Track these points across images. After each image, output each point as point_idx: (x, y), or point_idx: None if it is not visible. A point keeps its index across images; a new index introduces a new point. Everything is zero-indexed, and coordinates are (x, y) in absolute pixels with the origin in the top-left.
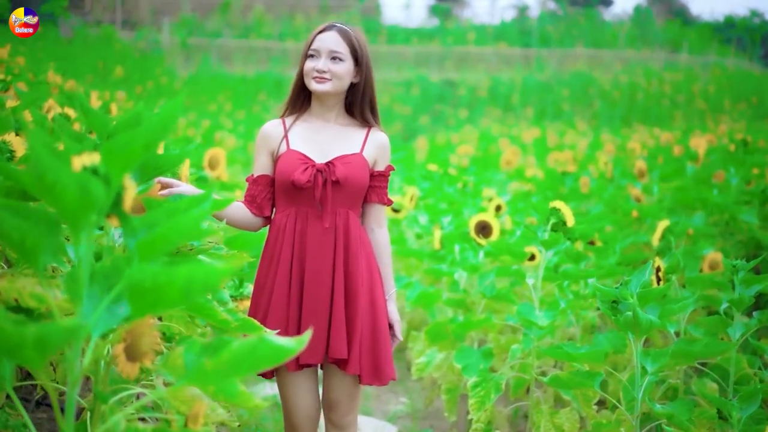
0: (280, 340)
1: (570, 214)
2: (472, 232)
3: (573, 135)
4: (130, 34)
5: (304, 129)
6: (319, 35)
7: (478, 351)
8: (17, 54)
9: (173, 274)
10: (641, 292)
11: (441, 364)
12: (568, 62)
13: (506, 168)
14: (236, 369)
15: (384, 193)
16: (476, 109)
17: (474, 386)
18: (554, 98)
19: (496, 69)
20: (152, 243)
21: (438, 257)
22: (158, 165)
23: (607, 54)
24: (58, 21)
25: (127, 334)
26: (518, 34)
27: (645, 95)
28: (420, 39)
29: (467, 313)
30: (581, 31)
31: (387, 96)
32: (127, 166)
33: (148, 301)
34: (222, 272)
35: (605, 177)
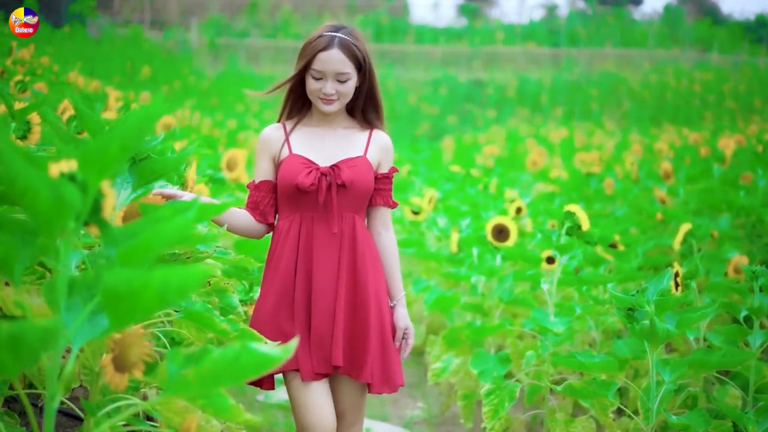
0: (264, 349)
1: (585, 217)
2: (489, 236)
3: (601, 135)
4: (159, 34)
5: (305, 133)
6: (320, 54)
7: (495, 356)
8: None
9: (148, 279)
10: (658, 300)
11: (458, 369)
12: (597, 62)
13: (532, 169)
14: (219, 379)
15: (389, 196)
16: (504, 109)
17: (487, 394)
18: (583, 98)
19: (524, 69)
20: (133, 252)
21: (456, 260)
22: (156, 168)
23: (637, 53)
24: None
25: (115, 344)
26: (547, 34)
27: (675, 95)
28: (448, 39)
29: (485, 317)
30: (610, 30)
31: (414, 96)
32: (105, 171)
33: (124, 308)
34: (198, 276)
35: (630, 178)
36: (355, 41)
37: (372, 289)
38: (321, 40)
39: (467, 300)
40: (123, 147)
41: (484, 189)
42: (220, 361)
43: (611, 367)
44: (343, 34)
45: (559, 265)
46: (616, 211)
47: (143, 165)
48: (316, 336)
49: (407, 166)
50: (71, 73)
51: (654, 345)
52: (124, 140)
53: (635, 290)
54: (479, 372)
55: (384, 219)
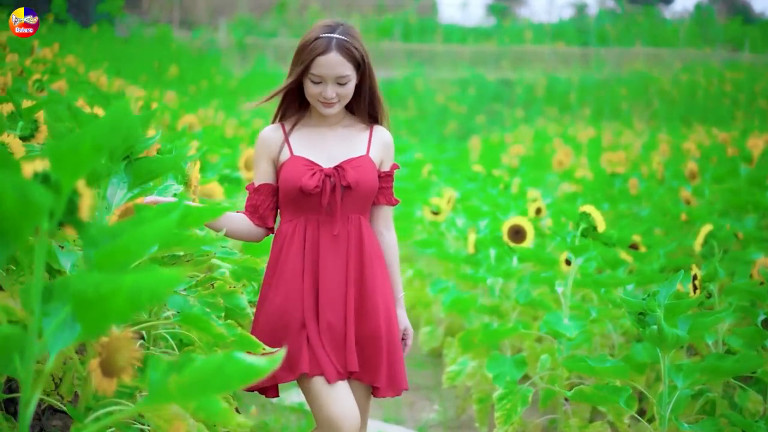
0: (250, 359)
1: (601, 219)
2: (505, 237)
3: (630, 135)
4: (187, 34)
5: (305, 133)
6: (319, 59)
7: (511, 359)
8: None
9: (118, 284)
10: (669, 304)
11: (474, 372)
12: (626, 61)
13: (558, 168)
14: (202, 388)
15: (391, 194)
16: (533, 109)
17: (500, 398)
18: (612, 97)
19: (553, 68)
20: (111, 254)
21: (473, 261)
22: (152, 168)
23: (667, 53)
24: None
25: (102, 348)
26: (576, 33)
27: (705, 94)
28: (476, 38)
29: (501, 320)
30: (640, 29)
31: (442, 95)
32: (78, 171)
33: (95, 314)
34: (171, 280)
35: (656, 178)
36: (352, 41)
37: (380, 292)
38: (318, 43)
39: (484, 302)
40: (95, 146)
41: (505, 189)
42: (203, 371)
43: (622, 372)
44: (339, 35)
45: (574, 267)
46: (640, 212)
47: (139, 164)
48: (329, 341)
49: (428, 166)
50: (92, 73)
51: (665, 350)
52: (96, 139)
53: (647, 294)
54: (494, 375)
55: (386, 218)
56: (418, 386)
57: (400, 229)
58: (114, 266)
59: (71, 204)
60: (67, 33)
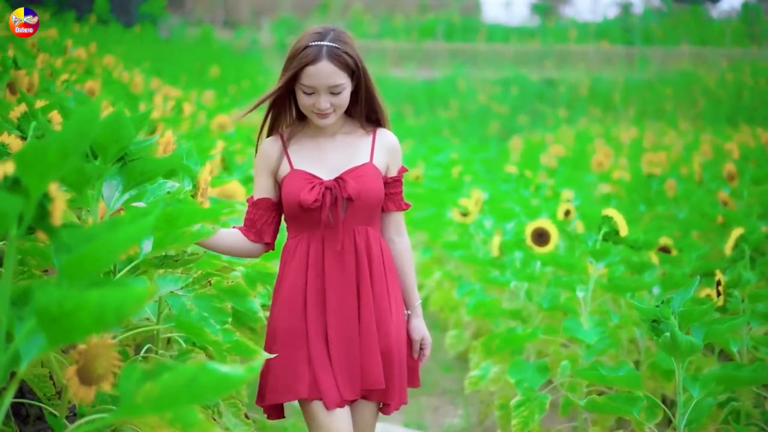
0: (225, 369)
1: (623, 222)
2: (528, 240)
3: (674, 135)
4: (230, 34)
5: (305, 145)
6: (308, 69)
7: (533, 365)
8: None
9: (81, 300)
10: (683, 311)
11: (497, 377)
12: (671, 60)
13: (597, 169)
14: (172, 400)
15: (400, 199)
16: (576, 109)
17: (517, 405)
18: (657, 97)
19: (597, 67)
20: (79, 262)
21: (499, 265)
22: (145, 170)
23: (713, 52)
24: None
25: (79, 356)
26: (621, 32)
27: (752, 94)
28: (520, 37)
29: (524, 324)
30: (686, 28)
31: (484, 95)
32: (46, 176)
33: (59, 329)
34: (137, 297)
35: (694, 180)
36: (344, 47)
37: (392, 306)
38: (308, 52)
39: (508, 305)
40: (62, 151)
41: (536, 190)
42: (174, 382)
43: (635, 382)
44: (330, 42)
45: (595, 271)
46: (678, 214)
47: (132, 166)
48: (338, 361)
49: (458, 167)
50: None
51: (679, 359)
52: (63, 144)
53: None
54: (517, 381)
55: (397, 224)
56: (443, 390)
57: (430, 230)
58: (84, 273)
59: (42, 209)
60: (109, 33)
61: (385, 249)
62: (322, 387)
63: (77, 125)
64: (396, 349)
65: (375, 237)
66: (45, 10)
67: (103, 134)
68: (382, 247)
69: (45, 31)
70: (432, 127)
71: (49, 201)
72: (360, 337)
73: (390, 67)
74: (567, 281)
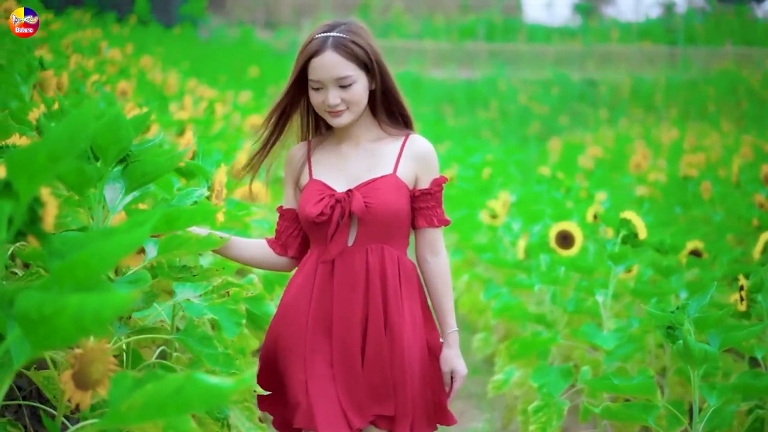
0: (213, 380)
1: (642, 226)
2: (552, 242)
3: (715, 137)
4: (270, 35)
5: (328, 152)
6: (313, 61)
7: (557, 369)
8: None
9: (61, 305)
10: (698, 318)
11: (521, 381)
12: (715, 61)
13: (635, 171)
14: (158, 410)
15: (434, 215)
16: (617, 110)
17: (536, 410)
18: (699, 98)
19: (639, 68)
20: (71, 269)
21: (524, 267)
22: (147, 171)
23: (758, 52)
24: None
25: (75, 360)
26: (663, 32)
27: None
28: (561, 37)
29: (549, 328)
30: (730, 28)
31: (525, 95)
32: (35, 181)
33: (41, 334)
34: (116, 304)
35: (730, 182)
36: (353, 37)
37: (410, 331)
38: (312, 45)
39: (534, 309)
40: (51, 156)
41: (567, 192)
42: (160, 392)
43: (648, 389)
44: (338, 33)
45: (614, 275)
46: (714, 217)
47: (133, 168)
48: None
49: (488, 169)
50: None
51: (694, 366)
52: (52, 149)
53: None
54: (540, 386)
55: (431, 242)
56: (469, 394)
57: (461, 232)
58: (76, 281)
59: (33, 213)
60: (149, 34)
61: (405, 269)
62: (317, 418)
63: (68, 129)
64: (411, 380)
65: (392, 256)
66: (85, 11)
67: (103, 136)
68: (402, 267)
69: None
70: (472, 127)
71: (41, 206)
72: (364, 362)
73: (430, 67)
74: (588, 285)
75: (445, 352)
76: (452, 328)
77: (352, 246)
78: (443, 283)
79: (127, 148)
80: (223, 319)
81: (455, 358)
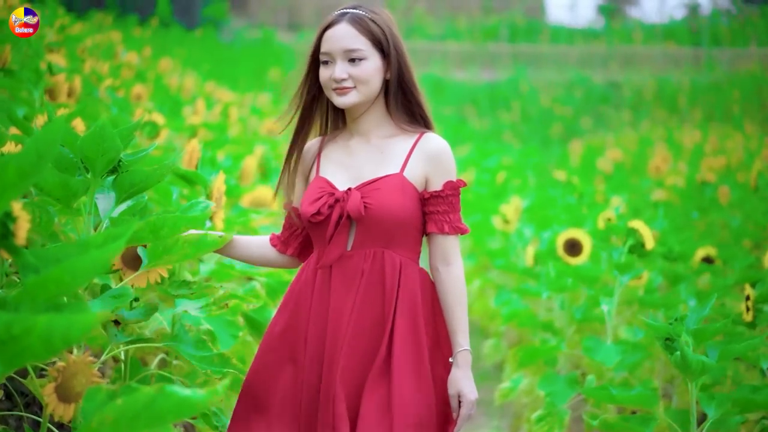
0: (185, 392)
1: (650, 235)
2: (560, 250)
3: (739, 139)
4: (292, 36)
5: (338, 148)
6: (326, 33)
7: (564, 378)
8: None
9: (30, 325)
10: (696, 329)
11: (529, 389)
12: (740, 62)
13: (655, 174)
14: (129, 425)
15: (445, 220)
16: (640, 111)
17: (539, 419)
18: (724, 100)
19: (662, 69)
20: (44, 284)
21: (534, 274)
22: (135, 181)
23: None
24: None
25: (58, 373)
26: (688, 33)
27: None
28: (584, 39)
29: (556, 336)
30: (755, 29)
31: (547, 97)
32: (6, 195)
33: (10, 352)
34: (84, 324)
35: (749, 187)
36: (372, 16)
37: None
38: (328, 18)
39: (544, 316)
40: (20, 172)
41: (580, 197)
42: (131, 405)
43: (647, 401)
44: (357, 10)
45: (619, 284)
46: (731, 222)
47: (122, 178)
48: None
49: (503, 173)
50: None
51: (691, 378)
52: (21, 166)
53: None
54: (547, 393)
55: (442, 250)
56: (479, 401)
57: (475, 237)
58: (49, 296)
59: (4, 228)
60: (171, 36)
61: (408, 278)
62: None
63: (37, 145)
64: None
65: (393, 263)
66: (107, 13)
67: (89, 147)
68: (404, 276)
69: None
70: (494, 129)
71: (12, 220)
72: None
73: (452, 69)
74: (594, 294)
75: (453, 373)
76: (462, 347)
77: (351, 250)
78: (454, 297)
79: (115, 159)
80: (219, 330)
81: (463, 380)
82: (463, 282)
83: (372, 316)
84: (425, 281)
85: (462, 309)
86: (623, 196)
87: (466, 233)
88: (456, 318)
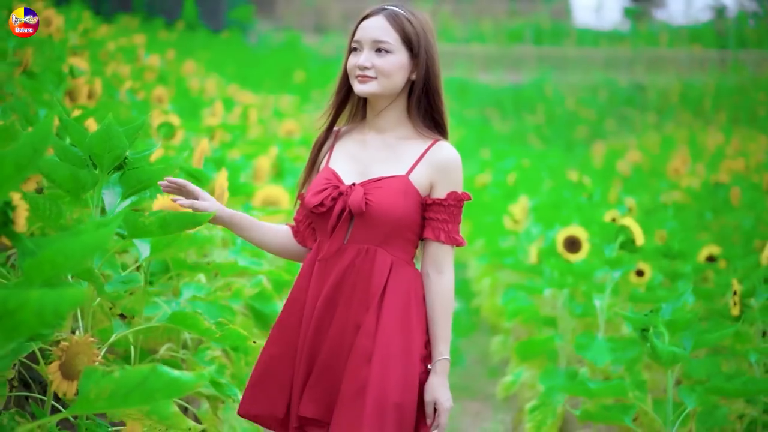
0: (175, 373)
1: (640, 232)
2: (559, 247)
3: (763, 142)
4: (318, 39)
5: (352, 141)
6: (362, 23)
7: (564, 372)
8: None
9: (24, 300)
10: (670, 320)
11: (531, 383)
12: (766, 65)
13: (674, 176)
14: (123, 399)
15: (442, 229)
16: (665, 114)
17: (532, 410)
18: (750, 103)
19: (688, 72)
20: (38, 266)
21: (539, 272)
22: (142, 178)
23: None
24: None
25: (62, 352)
26: (714, 36)
27: None
28: (610, 41)
29: (558, 331)
30: None
31: (572, 100)
32: (6, 186)
33: (7, 326)
34: (72, 298)
35: (760, 188)
36: (409, 16)
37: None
38: (367, 10)
39: (550, 312)
40: (17, 166)
41: (590, 197)
42: (126, 382)
43: (619, 391)
44: (397, 8)
45: (611, 280)
46: (744, 223)
47: (129, 175)
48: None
49: (513, 174)
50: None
51: (665, 366)
52: (17, 160)
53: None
54: (547, 388)
55: (435, 258)
56: (486, 396)
57: (488, 236)
58: (43, 277)
59: (4, 216)
60: (197, 39)
61: (398, 279)
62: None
63: (30, 142)
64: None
65: (383, 261)
66: (134, 17)
67: (97, 144)
68: (393, 276)
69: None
70: (518, 132)
71: (12, 209)
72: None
73: (477, 71)
74: (586, 290)
75: (431, 380)
76: (442, 356)
77: (347, 244)
78: (442, 305)
79: (121, 156)
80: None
81: (439, 387)
82: (452, 292)
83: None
84: (417, 285)
85: (447, 318)
86: (637, 198)
87: (461, 246)
88: (440, 326)
